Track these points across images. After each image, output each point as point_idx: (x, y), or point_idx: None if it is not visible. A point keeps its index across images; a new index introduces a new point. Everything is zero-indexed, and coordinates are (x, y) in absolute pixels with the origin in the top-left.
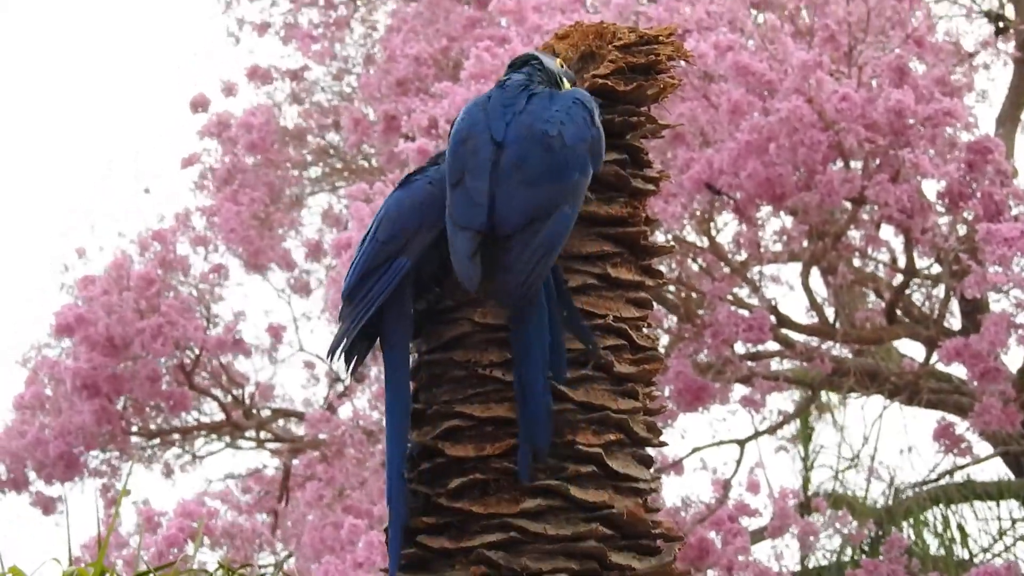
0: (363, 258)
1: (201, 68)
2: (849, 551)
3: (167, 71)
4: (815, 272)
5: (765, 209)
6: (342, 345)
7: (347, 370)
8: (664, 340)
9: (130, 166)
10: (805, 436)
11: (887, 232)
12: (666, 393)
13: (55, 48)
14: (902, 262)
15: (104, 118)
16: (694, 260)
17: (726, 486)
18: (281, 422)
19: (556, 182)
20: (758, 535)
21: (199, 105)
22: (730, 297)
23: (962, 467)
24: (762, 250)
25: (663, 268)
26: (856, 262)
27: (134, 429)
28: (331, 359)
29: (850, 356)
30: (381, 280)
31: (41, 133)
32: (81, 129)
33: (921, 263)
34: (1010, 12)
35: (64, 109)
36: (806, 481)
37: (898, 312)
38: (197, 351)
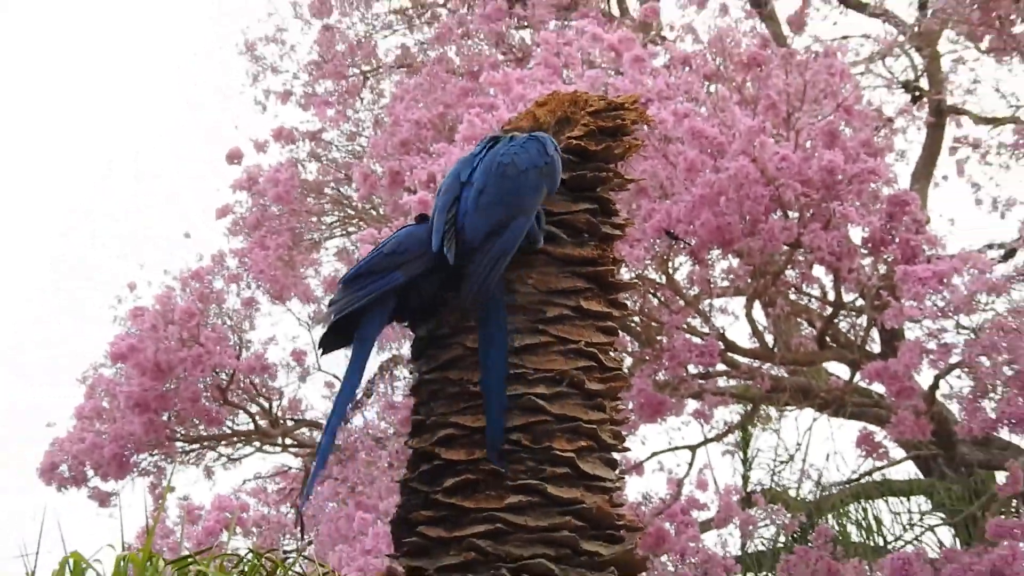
0: (368, 261)
1: (235, 132)
2: (783, 539)
3: (165, 73)
4: (757, 305)
5: (715, 252)
6: (331, 313)
7: (318, 346)
8: (628, 362)
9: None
10: (745, 442)
11: (819, 271)
12: (629, 406)
13: (54, 47)
14: (831, 296)
15: (103, 117)
16: (654, 295)
17: (679, 485)
18: (304, 430)
19: (511, 202)
20: (706, 526)
21: (234, 157)
22: (685, 326)
23: (879, 468)
24: (712, 286)
25: (628, 301)
26: (792, 296)
27: (178, 436)
28: (317, 326)
29: (786, 375)
30: (375, 282)
31: (56, 133)
32: (88, 129)
33: (847, 297)
34: (924, 83)
35: (64, 109)
36: (746, 480)
37: (827, 339)
38: (230, 374)
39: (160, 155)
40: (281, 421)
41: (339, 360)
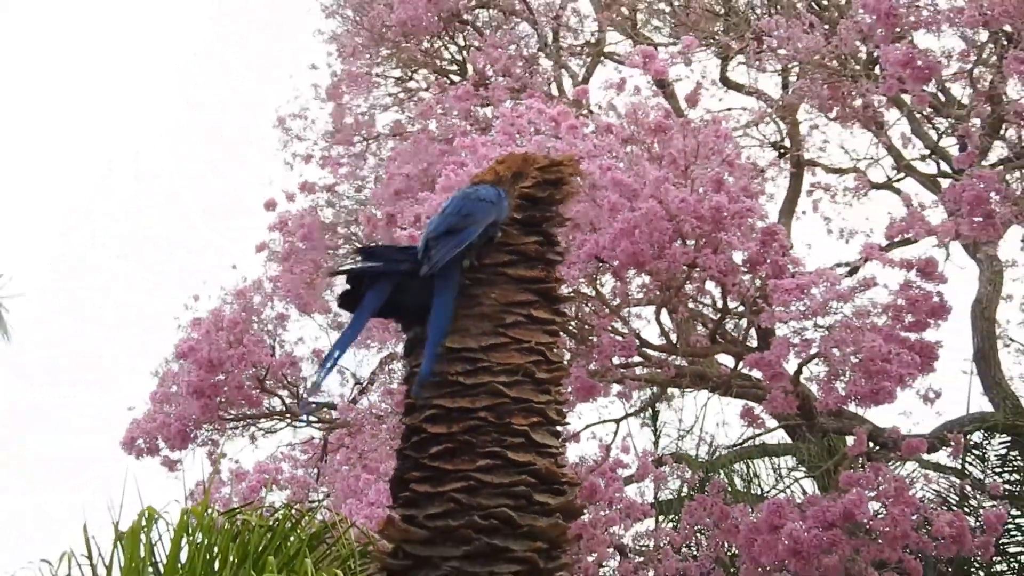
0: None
1: (268, 187)
2: (686, 490)
3: (165, 73)
4: (664, 311)
5: (632, 272)
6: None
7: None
8: (567, 356)
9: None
10: (655, 417)
11: (711, 285)
12: (569, 390)
13: (54, 47)
14: (720, 304)
15: (103, 117)
16: (586, 305)
17: (607, 449)
18: (325, 410)
19: (466, 214)
20: (628, 480)
21: (270, 205)
22: (610, 328)
23: (758, 435)
24: (629, 298)
25: (567, 310)
26: (691, 305)
27: (227, 416)
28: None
29: (687, 365)
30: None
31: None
32: (88, 129)
33: (732, 305)
34: (787, 143)
35: (65, 109)
36: (657, 446)
37: (717, 336)
38: (266, 368)
39: (160, 155)
40: (305, 402)
41: (349, 354)
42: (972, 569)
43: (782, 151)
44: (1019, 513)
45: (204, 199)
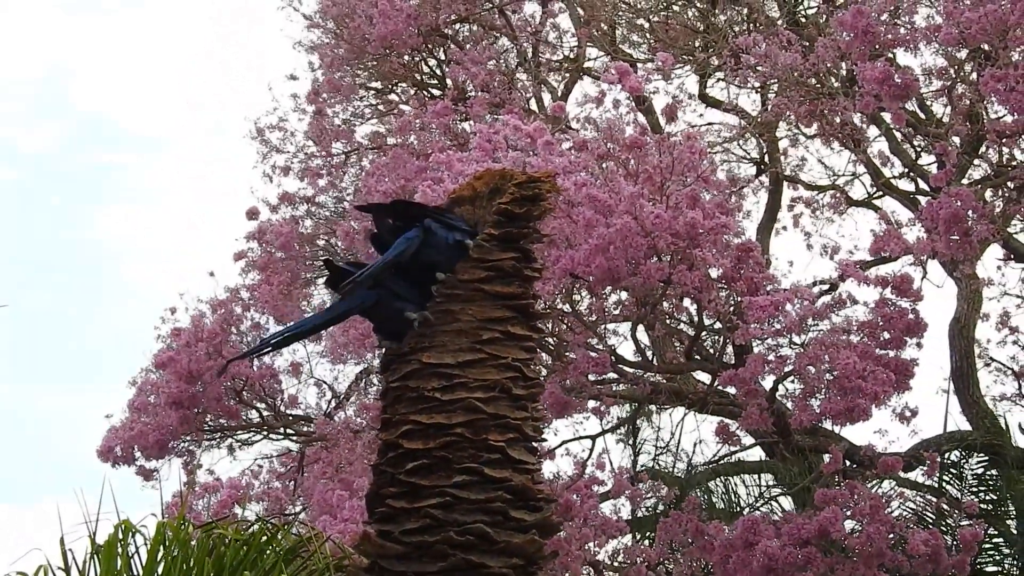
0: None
1: (248, 197)
2: (662, 507)
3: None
4: (640, 328)
5: (607, 288)
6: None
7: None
8: (543, 372)
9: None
10: (634, 434)
11: (686, 302)
12: (544, 406)
13: (53, 48)
14: (696, 321)
15: None
16: (562, 321)
17: (583, 466)
18: (302, 423)
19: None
20: (604, 497)
21: (252, 214)
22: (585, 344)
23: (734, 452)
24: (605, 314)
25: (543, 326)
26: (667, 321)
27: (205, 426)
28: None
29: (663, 381)
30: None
31: None
32: None
33: (708, 322)
34: (766, 159)
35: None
36: (635, 463)
37: (693, 353)
38: (244, 380)
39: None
40: (283, 415)
41: (326, 368)
42: None
43: (761, 167)
44: (996, 532)
45: (197, 201)
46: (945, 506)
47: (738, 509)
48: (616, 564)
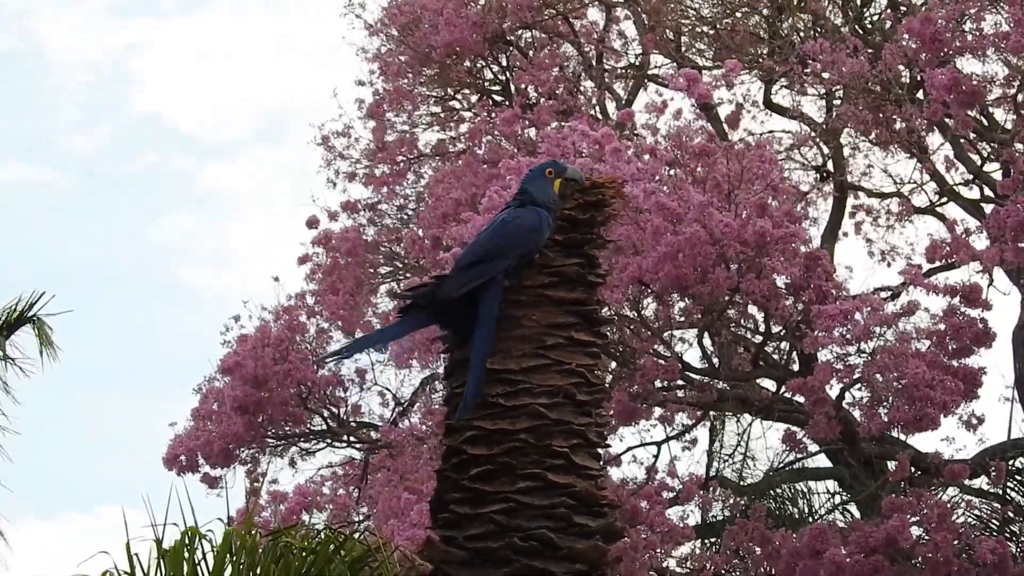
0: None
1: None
2: (728, 513)
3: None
4: (707, 335)
5: (674, 295)
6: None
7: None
8: (609, 378)
9: None
10: (712, 440)
11: (753, 310)
12: (610, 413)
13: (56, 50)
14: (763, 328)
15: None
16: (628, 328)
17: (652, 471)
18: (366, 431)
19: (495, 246)
20: (674, 502)
21: (312, 223)
22: (652, 351)
23: (800, 459)
24: (672, 321)
25: (608, 333)
26: (733, 328)
27: (269, 434)
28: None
29: (729, 389)
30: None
31: None
32: None
33: (775, 329)
34: (830, 166)
35: None
36: (708, 469)
37: (760, 361)
38: (310, 386)
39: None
40: (347, 423)
41: (391, 375)
42: None
43: (824, 175)
44: None
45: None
46: (1010, 513)
47: (804, 516)
48: (683, 570)
